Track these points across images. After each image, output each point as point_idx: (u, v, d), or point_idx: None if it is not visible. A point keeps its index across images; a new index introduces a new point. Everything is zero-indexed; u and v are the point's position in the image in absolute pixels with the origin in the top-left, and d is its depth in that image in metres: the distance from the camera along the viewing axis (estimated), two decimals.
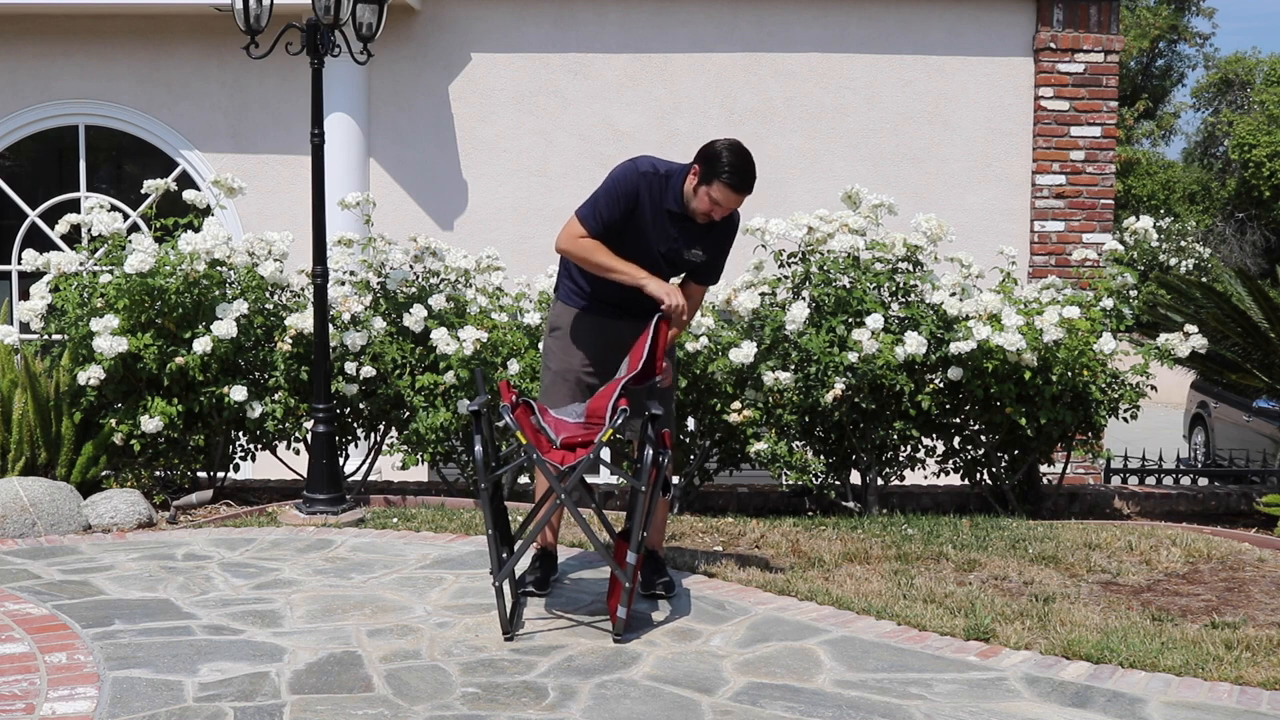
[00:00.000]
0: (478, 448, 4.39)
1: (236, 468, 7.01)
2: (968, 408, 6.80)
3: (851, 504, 6.85)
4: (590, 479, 5.80)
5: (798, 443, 6.65)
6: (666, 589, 4.83)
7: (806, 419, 6.65)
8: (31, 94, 9.34)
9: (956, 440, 7.00)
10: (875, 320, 6.41)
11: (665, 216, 4.57)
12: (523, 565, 4.91)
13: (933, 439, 7.01)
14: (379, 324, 6.68)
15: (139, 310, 6.39)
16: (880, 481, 6.89)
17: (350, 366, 6.61)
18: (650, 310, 4.57)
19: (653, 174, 4.59)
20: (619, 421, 4.35)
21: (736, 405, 6.48)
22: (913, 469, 7.03)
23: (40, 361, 6.64)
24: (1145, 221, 7.20)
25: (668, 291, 4.50)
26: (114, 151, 9.70)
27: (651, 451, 4.36)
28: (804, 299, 6.68)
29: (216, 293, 6.56)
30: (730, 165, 4.46)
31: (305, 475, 6.42)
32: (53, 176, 9.62)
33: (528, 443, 4.35)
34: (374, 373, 6.64)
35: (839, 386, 6.39)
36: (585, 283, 4.71)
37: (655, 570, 4.84)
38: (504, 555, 4.42)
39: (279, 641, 4.33)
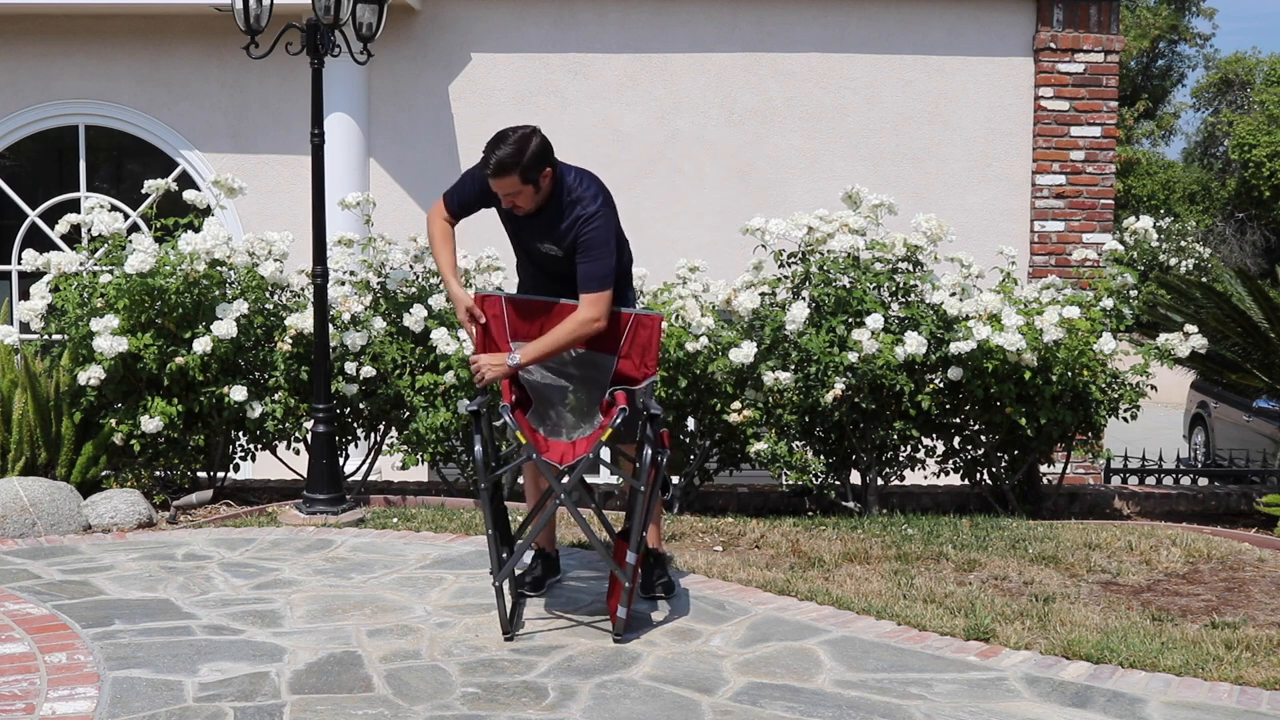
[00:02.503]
0: (477, 448, 4.39)
1: (236, 468, 7.01)
2: (968, 408, 6.80)
3: (851, 504, 6.85)
4: (589, 479, 5.80)
5: (798, 443, 6.65)
6: (666, 589, 4.83)
7: (806, 419, 6.65)
8: (31, 94, 9.34)
9: (956, 440, 7.00)
10: (875, 320, 6.41)
11: (509, 213, 4.61)
12: (522, 565, 4.91)
13: (933, 439, 7.01)
14: (379, 324, 6.68)
15: (139, 310, 6.39)
16: (880, 481, 6.89)
17: (350, 366, 6.61)
18: (571, 293, 4.57)
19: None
20: (619, 421, 4.35)
21: (736, 405, 6.48)
22: (913, 469, 7.03)
23: (40, 361, 6.64)
24: (1145, 221, 7.20)
25: (458, 301, 4.60)
26: (114, 151, 9.70)
27: (650, 451, 4.36)
28: (804, 299, 6.68)
29: (216, 293, 6.56)
30: (487, 154, 4.41)
31: (305, 475, 6.42)
32: (53, 176, 9.61)
33: (527, 442, 4.35)
34: (374, 373, 6.64)
35: (839, 386, 6.39)
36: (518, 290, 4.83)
37: (655, 570, 4.84)
38: (504, 555, 4.42)
39: (279, 641, 4.33)
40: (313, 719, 3.70)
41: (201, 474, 6.91)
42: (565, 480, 4.41)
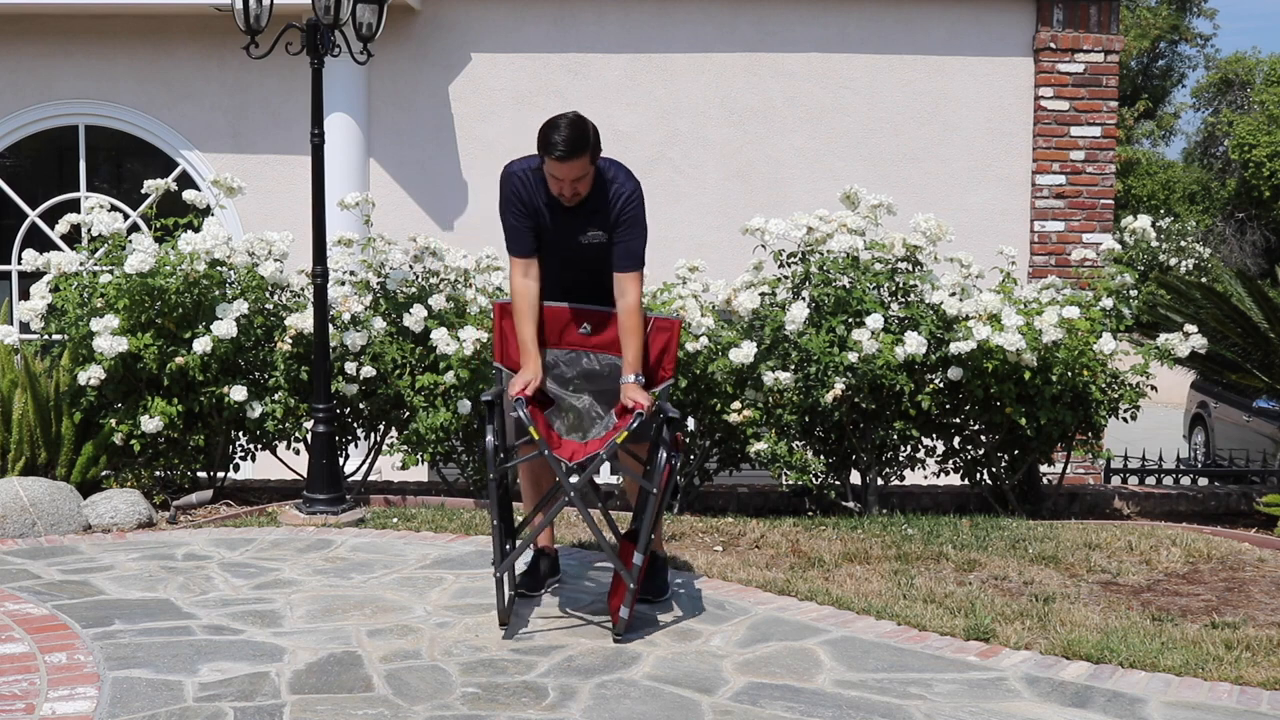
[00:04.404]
0: (489, 438, 4.39)
1: (236, 468, 7.01)
2: (968, 408, 6.80)
3: (851, 504, 6.85)
4: (595, 478, 5.78)
5: (798, 443, 6.65)
6: (658, 591, 4.80)
7: (806, 419, 6.65)
8: (32, 94, 9.34)
9: (956, 440, 7.00)
10: (875, 320, 6.41)
11: (548, 209, 4.56)
12: (521, 564, 4.91)
13: (933, 439, 7.01)
14: (379, 324, 6.68)
15: (139, 310, 6.39)
16: (880, 481, 6.89)
17: (350, 366, 6.61)
18: (597, 295, 4.61)
19: (522, 173, 4.58)
20: (634, 425, 4.34)
21: (736, 405, 6.48)
22: (913, 469, 7.03)
23: (40, 361, 6.64)
24: (1144, 220, 7.20)
25: (522, 384, 4.48)
26: (114, 151, 9.70)
27: (665, 454, 4.35)
28: (804, 299, 6.69)
29: (216, 293, 6.56)
30: (551, 139, 4.36)
31: (305, 475, 6.42)
32: (53, 176, 9.62)
33: (540, 437, 4.33)
34: (374, 373, 6.63)
35: (839, 386, 6.39)
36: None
37: (656, 573, 4.82)
38: (507, 547, 4.42)
39: (279, 641, 4.33)
40: (313, 719, 3.70)
41: (201, 474, 6.91)
42: (574, 479, 4.39)
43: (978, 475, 7.05)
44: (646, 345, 4.59)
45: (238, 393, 6.42)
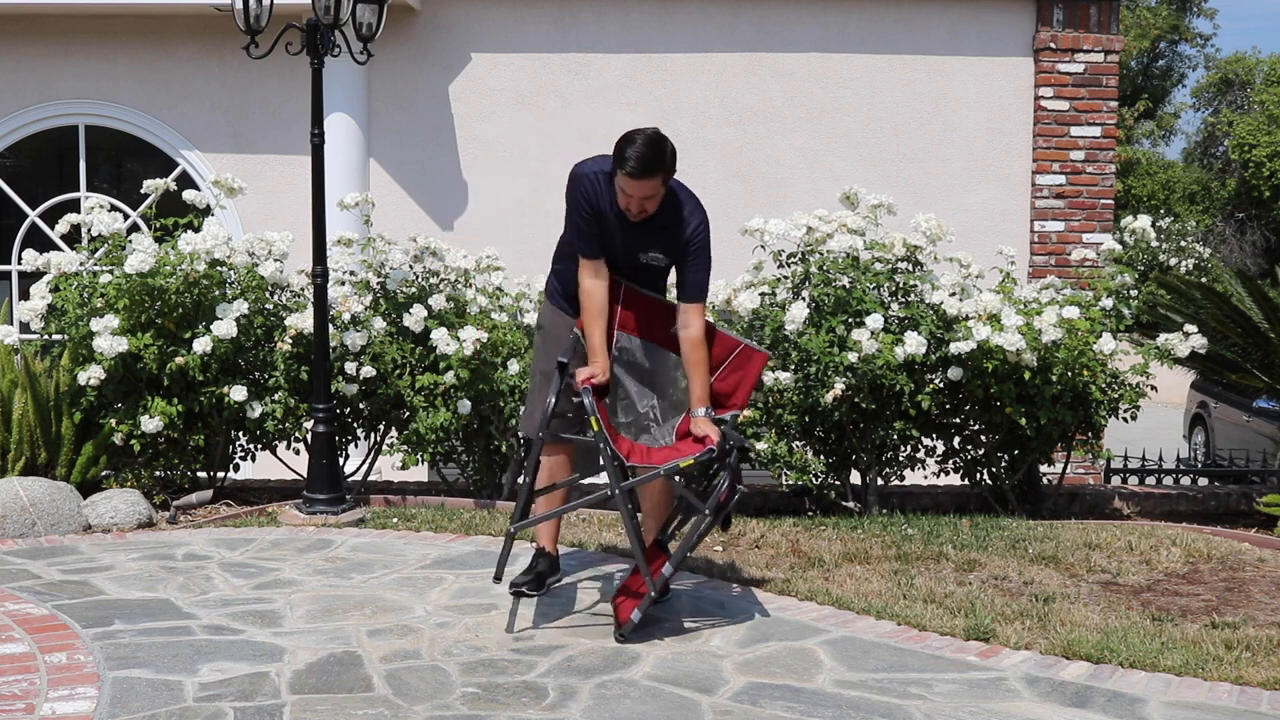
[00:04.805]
0: (550, 398, 4.41)
1: (236, 468, 7.01)
2: (968, 408, 6.80)
3: (851, 504, 6.85)
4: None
5: (798, 443, 6.65)
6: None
7: (806, 419, 6.65)
8: (32, 94, 9.34)
9: (956, 440, 7.00)
10: (875, 320, 6.41)
11: (613, 218, 4.48)
12: (521, 565, 4.91)
13: (933, 439, 7.01)
14: (379, 324, 6.68)
15: (139, 310, 6.39)
16: (880, 481, 6.89)
17: (350, 366, 6.61)
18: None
19: (592, 176, 4.48)
20: (703, 457, 4.35)
21: None
22: (913, 469, 7.03)
23: (40, 361, 6.64)
24: (1144, 220, 7.20)
25: (590, 374, 4.42)
26: (114, 151, 9.70)
27: (729, 481, 4.35)
28: (803, 299, 6.69)
29: (216, 293, 6.56)
30: (625, 153, 4.29)
31: (305, 475, 6.42)
32: (53, 176, 9.62)
33: (600, 430, 4.31)
34: (374, 373, 6.63)
35: (839, 386, 6.39)
36: (564, 283, 4.71)
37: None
38: (529, 508, 4.50)
39: (279, 641, 4.33)
40: (313, 719, 3.70)
41: (201, 474, 6.91)
42: (624, 481, 4.41)
43: (978, 475, 7.05)
44: (727, 362, 4.59)
45: (238, 393, 6.42)
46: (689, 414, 4.55)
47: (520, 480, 6.93)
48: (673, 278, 4.66)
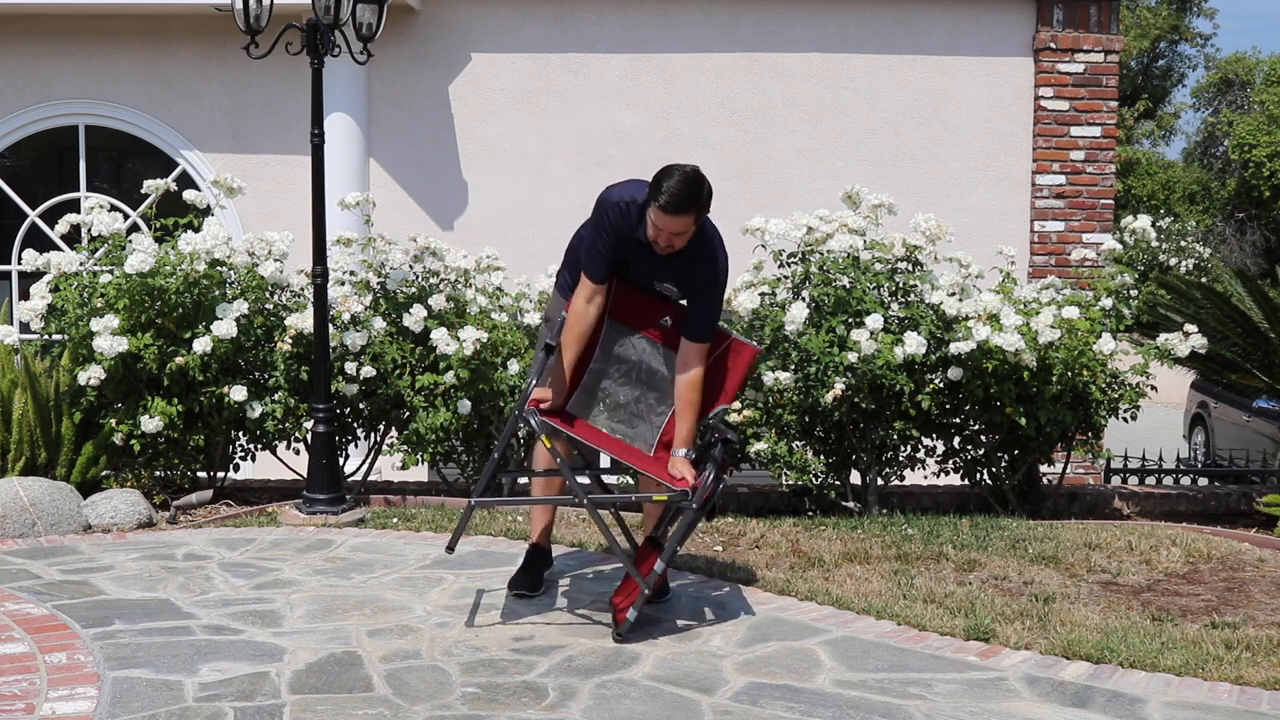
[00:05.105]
0: (532, 379, 4.43)
1: (236, 468, 7.01)
2: (968, 408, 6.80)
3: (851, 504, 6.84)
4: (606, 479, 5.80)
5: (798, 443, 6.65)
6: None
7: (806, 419, 6.65)
8: (32, 94, 9.34)
9: (956, 440, 7.00)
10: (875, 320, 6.41)
11: (638, 247, 4.47)
12: (512, 560, 4.91)
13: (933, 439, 7.01)
14: (379, 324, 6.68)
15: (139, 310, 6.39)
16: (880, 481, 6.89)
17: (350, 366, 6.61)
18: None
19: (622, 204, 4.45)
20: (675, 499, 4.36)
21: (736, 405, 6.48)
22: (913, 469, 7.03)
23: (40, 361, 6.64)
24: (1143, 220, 7.20)
25: (544, 395, 4.45)
26: (114, 151, 9.70)
27: (713, 474, 4.36)
28: (804, 299, 6.68)
29: (216, 293, 6.56)
30: (662, 185, 4.26)
31: (305, 475, 6.42)
32: (53, 176, 9.62)
33: (551, 447, 4.37)
34: (374, 373, 6.63)
35: (839, 386, 6.39)
36: (574, 277, 4.69)
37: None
38: (496, 479, 4.47)
39: (279, 641, 4.33)
40: (313, 719, 3.70)
41: (201, 474, 6.91)
42: (590, 496, 4.44)
43: (978, 475, 7.05)
44: (715, 353, 4.57)
45: (238, 393, 6.42)
46: (673, 416, 4.57)
47: (522, 482, 6.94)
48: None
